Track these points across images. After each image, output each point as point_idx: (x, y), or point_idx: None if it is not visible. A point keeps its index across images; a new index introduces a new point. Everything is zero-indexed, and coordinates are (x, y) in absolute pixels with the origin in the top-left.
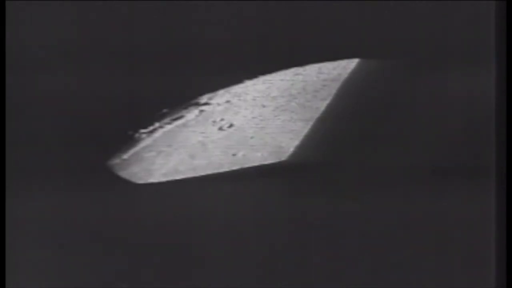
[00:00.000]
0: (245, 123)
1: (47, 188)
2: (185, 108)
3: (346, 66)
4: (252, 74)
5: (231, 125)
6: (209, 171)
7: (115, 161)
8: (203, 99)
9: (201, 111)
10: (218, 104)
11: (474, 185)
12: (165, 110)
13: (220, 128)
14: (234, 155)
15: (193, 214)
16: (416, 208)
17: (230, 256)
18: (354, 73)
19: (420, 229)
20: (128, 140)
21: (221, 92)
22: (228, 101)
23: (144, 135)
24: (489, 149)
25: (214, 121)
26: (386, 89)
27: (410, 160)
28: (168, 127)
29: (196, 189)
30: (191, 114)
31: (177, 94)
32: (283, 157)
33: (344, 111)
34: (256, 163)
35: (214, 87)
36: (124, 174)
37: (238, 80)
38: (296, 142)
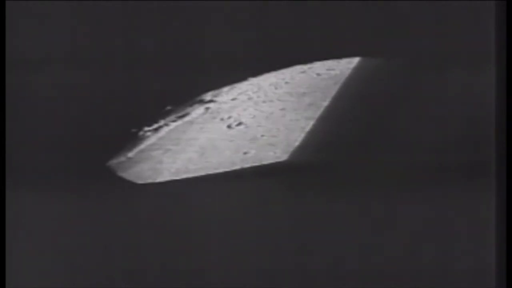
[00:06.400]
0: (254, 121)
1: (50, 188)
2: (190, 105)
3: (348, 65)
4: (256, 71)
5: (240, 123)
6: (221, 170)
7: (121, 159)
8: (208, 96)
9: (207, 108)
10: (224, 102)
11: (474, 185)
12: (169, 108)
13: (229, 126)
14: (245, 153)
15: (198, 213)
16: (417, 208)
17: (232, 256)
18: (356, 72)
19: (420, 229)
20: (132, 139)
21: (225, 89)
22: (234, 99)
23: (148, 133)
24: (489, 149)
25: (221, 119)
26: (385, 89)
27: (410, 160)
28: (174, 124)
29: (206, 188)
30: (197, 112)
31: (180, 91)
32: (296, 156)
33: (345, 110)
34: (269, 161)
35: (218, 85)
36: (131, 172)
37: (242, 77)
38: (307, 141)
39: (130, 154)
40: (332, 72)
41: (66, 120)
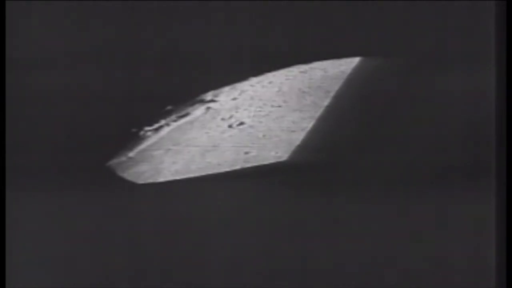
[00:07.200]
0: (255, 121)
1: (50, 188)
2: (191, 105)
3: (348, 65)
4: (256, 71)
5: (241, 123)
6: (222, 170)
7: (121, 159)
8: (208, 96)
9: (208, 108)
10: (225, 101)
11: (474, 185)
12: (169, 107)
13: (230, 126)
14: (246, 153)
15: (198, 213)
16: (417, 208)
17: (232, 255)
18: (356, 72)
19: (420, 229)
20: (133, 139)
21: (226, 89)
22: (235, 98)
23: (149, 133)
24: (489, 149)
25: (222, 119)
26: (386, 89)
27: (410, 160)
28: (174, 124)
29: (207, 188)
30: (198, 112)
31: (181, 91)
32: (297, 155)
33: (346, 110)
34: (270, 161)
35: (218, 84)
36: (132, 172)
37: (242, 77)
38: (308, 141)
39: (131, 154)
40: (333, 72)
41: (66, 120)
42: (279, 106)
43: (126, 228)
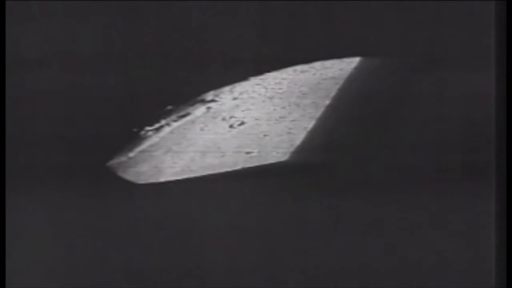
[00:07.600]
0: (256, 121)
1: (50, 188)
2: (191, 105)
3: (348, 65)
4: (257, 71)
5: (242, 123)
6: (223, 170)
7: (121, 159)
8: (208, 96)
9: (208, 108)
10: (226, 101)
11: (474, 185)
12: (170, 107)
13: (231, 126)
14: (248, 153)
15: (199, 213)
16: (416, 208)
17: (233, 256)
18: (356, 72)
19: (420, 229)
20: (133, 138)
21: (226, 89)
22: (235, 98)
23: (150, 133)
24: (489, 149)
25: (223, 119)
26: (386, 89)
27: (410, 160)
28: (175, 124)
29: (207, 188)
30: (198, 112)
31: (181, 91)
32: (298, 155)
33: (346, 110)
34: (271, 161)
35: (219, 84)
36: (132, 172)
37: (243, 77)
38: (309, 141)
39: (131, 154)
40: (333, 72)
41: (66, 120)
42: (280, 106)
43: (126, 228)
